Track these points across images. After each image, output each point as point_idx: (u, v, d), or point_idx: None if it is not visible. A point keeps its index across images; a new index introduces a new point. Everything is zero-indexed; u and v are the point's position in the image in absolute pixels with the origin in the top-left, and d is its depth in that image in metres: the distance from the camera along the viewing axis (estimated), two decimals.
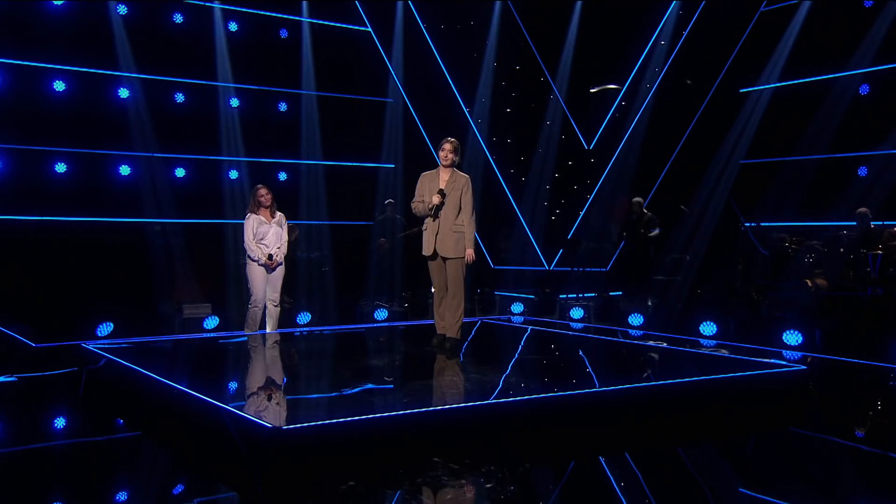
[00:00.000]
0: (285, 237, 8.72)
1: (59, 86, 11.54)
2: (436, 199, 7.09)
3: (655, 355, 7.62)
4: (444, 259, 7.22)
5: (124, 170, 12.02)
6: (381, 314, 10.81)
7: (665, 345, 8.29)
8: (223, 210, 12.53)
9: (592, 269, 13.49)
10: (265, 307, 8.64)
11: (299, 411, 5.11)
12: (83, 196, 11.53)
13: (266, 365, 7.29)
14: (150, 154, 11.98)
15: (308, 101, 13.37)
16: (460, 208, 7.17)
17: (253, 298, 8.55)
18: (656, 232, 12.31)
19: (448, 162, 7.22)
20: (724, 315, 9.76)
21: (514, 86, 14.24)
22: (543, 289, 13.11)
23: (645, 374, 6.54)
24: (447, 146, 7.23)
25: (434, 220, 7.18)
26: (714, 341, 8.96)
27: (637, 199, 12.61)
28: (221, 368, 7.08)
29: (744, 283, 11.90)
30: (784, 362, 6.68)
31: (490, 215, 14.05)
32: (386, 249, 12.85)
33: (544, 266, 14.28)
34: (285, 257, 8.77)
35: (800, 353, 8.18)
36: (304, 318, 10.30)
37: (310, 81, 13.31)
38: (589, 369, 7.04)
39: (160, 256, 11.75)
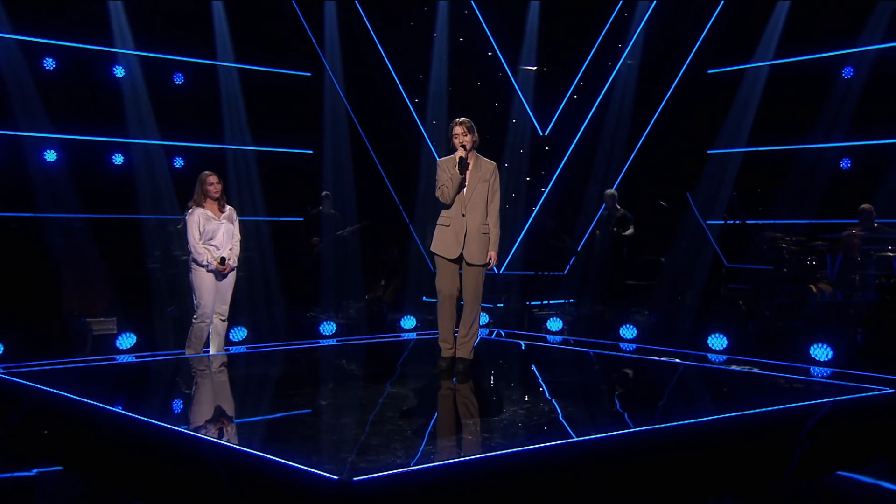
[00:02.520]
0: (238, 235, 8.13)
1: None
2: (459, 153, 6.81)
3: (711, 378, 7.53)
4: (467, 264, 6.91)
5: None
6: (328, 328, 10.25)
7: (682, 362, 8.21)
8: (110, 203, 11.65)
9: (550, 273, 13.35)
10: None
11: (355, 456, 4.58)
12: None
13: (269, 395, 6.69)
14: (12, 132, 10.97)
15: (227, 74, 12.60)
16: (489, 203, 6.94)
17: (200, 312, 7.87)
18: (630, 231, 12.25)
19: (466, 145, 6.89)
20: (723, 325, 9.71)
21: (459, 61, 13.87)
22: (504, 297, 12.87)
23: (726, 401, 6.42)
24: (458, 129, 6.93)
25: (462, 216, 6.85)
26: (725, 356, 8.91)
27: (610, 191, 12.51)
28: (211, 402, 6.47)
29: (728, 288, 12.01)
30: (871, 386, 6.61)
31: (433, 210, 13.69)
32: (320, 250, 12.28)
33: (493, 270, 14.00)
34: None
35: (829, 370, 8.20)
36: (238, 333, 9.63)
37: (226, 50, 12.54)
38: (659, 395, 6.89)
39: (53, 259, 10.76)
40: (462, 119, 6.96)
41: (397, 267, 13.18)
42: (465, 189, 6.88)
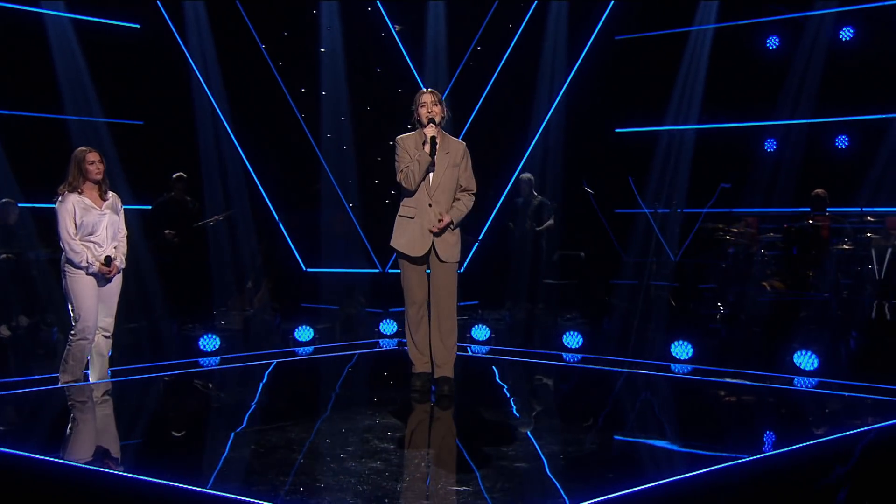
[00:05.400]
0: (124, 230, 7.35)
1: None
2: (430, 131, 6.51)
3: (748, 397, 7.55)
4: (439, 260, 6.63)
5: None
6: (210, 342, 9.43)
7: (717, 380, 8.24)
8: None
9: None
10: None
11: None
12: None
13: (214, 435, 6.01)
14: None
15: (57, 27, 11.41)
16: (459, 188, 6.72)
17: (80, 325, 7.00)
18: (551, 222, 12.01)
19: (436, 119, 6.61)
20: (679, 331, 9.66)
21: (342, 20, 13.21)
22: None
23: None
24: (427, 97, 6.73)
25: (428, 206, 6.57)
26: (686, 365, 8.86)
27: (525, 175, 12.24)
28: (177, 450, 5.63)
29: (651, 284, 12.00)
30: None
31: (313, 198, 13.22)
32: (176, 246, 11.36)
33: (377, 268, 13.45)
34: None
35: (815, 380, 8.24)
36: None
37: None
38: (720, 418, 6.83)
39: None
40: (431, 90, 6.78)
41: (266, 266, 12.38)
42: (432, 173, 6.59)
